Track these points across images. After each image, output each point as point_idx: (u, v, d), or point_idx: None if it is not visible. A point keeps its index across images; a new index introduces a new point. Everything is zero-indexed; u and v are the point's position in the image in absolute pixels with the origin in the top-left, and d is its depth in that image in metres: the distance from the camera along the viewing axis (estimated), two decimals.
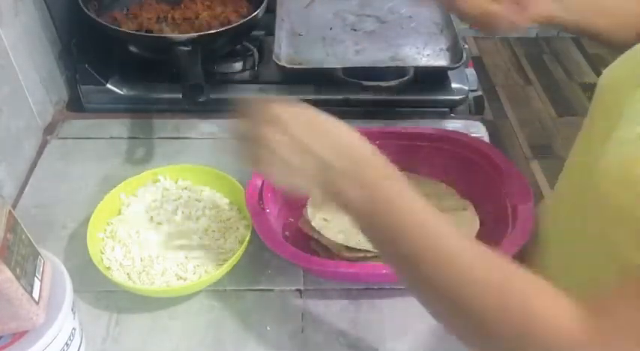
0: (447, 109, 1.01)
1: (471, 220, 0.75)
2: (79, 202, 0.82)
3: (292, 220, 0.80)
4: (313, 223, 0.72)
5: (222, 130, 0.96)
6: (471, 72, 1.04)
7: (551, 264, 0.68)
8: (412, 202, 0.47)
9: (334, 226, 0.71)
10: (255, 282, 0.74)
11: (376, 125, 0.94)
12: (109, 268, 0.70)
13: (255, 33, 1.04)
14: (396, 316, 0.71)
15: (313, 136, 0.50)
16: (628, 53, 0.59)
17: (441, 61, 0.99)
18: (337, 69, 0.92)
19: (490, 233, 0.74)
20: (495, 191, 0.78)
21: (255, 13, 0.96)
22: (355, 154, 0.49)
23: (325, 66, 0.97)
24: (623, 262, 0.45)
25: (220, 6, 1.04)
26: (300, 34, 1.04)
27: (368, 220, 0.48)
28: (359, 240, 0.70)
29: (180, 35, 0.89)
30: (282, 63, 0.95)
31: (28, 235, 0.56)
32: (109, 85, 0.98)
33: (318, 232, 0.72)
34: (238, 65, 1.05)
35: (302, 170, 0.50)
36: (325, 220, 0.72)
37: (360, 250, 0.70)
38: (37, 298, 0.54)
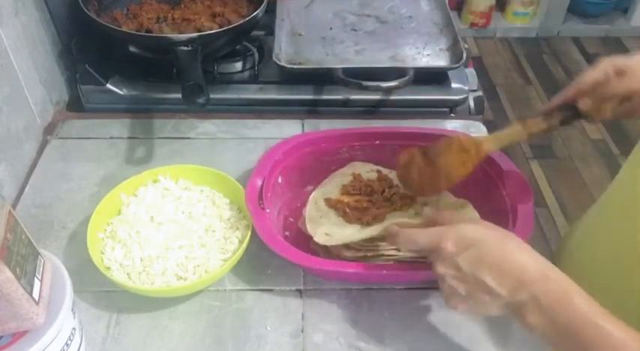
0: (447, 109, 1.02)
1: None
2: (79, 202, 0.82)
3: (292, 220, 0.80)
4: (316, 239, 0.71)
5: (222, 130, 0.96)
6: (471, 72, 1.04)
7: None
8: (592, 317, 0.48)
9: (337, 238, 0.71)
10: (255, 282, 0.74)
11: (376, 125, 0.94)
12: (109, 268, 0.70)
13: (255, 33, 1.04)
14: (396, 316, 0.71)
15: (479, 269, 0.52)
16: None
17: (441, 61, 0.99)
18: (337, 69, 0.92)
19: None
20: (495, 191, 0.78)
21: (255, 13, 0.95)
22: (525, 278, 0.51)
23: (325, 66, 0.97)
24: None
25: (220, 6, 1.04)
26: (300, 34, 1.04)
27: (553, 341, 0.51)
28: (359, 240, 0.70)
29: (180, 35, 0.89)
30: (282, 63, 0.95)
31: (28, 235, 0.56)
32: (109, 85, 0.99)
33: None
34: (238, 65, 1.05)
35: (476, 300, 0.54)
36: (327, 234, 0.72)
37: (360, 250, 0.70)
38: (37, 298, 0.54)
